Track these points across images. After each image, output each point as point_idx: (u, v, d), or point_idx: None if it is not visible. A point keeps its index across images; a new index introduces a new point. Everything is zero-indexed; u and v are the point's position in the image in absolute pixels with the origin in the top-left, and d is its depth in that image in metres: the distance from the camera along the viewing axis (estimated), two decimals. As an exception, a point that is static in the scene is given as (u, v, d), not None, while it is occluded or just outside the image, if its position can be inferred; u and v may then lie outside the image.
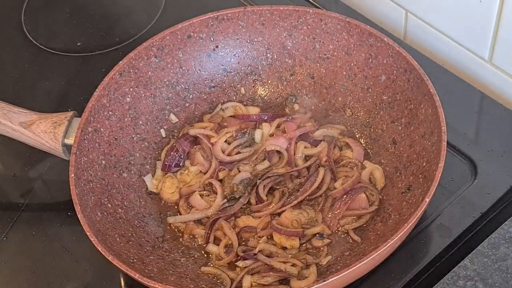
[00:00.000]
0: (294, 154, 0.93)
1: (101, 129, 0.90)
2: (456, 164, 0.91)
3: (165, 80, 0.97)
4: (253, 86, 1.01)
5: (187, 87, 0.99)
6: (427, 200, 0.75)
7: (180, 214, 0.90)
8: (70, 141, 0.88)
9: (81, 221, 0.79)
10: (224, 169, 0.92)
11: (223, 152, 0.93)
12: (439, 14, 1.03)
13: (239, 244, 0.86)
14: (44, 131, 0.89)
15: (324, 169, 0.90)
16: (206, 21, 0.97)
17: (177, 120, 0.98)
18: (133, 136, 0.94)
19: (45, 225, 0.93)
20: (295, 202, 0.88)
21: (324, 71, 0.98)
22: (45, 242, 0.91)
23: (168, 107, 0.98)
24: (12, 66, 1.14)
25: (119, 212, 0.86)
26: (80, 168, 0.85)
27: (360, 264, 0.72)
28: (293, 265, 0.82)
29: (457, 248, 0.84)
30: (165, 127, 0.98)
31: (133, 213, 0.88)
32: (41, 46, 1.15)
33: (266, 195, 0.89)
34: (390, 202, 0.86)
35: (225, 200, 0.90)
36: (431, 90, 0.84)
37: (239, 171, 0.92)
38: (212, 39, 0.98)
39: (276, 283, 0.82)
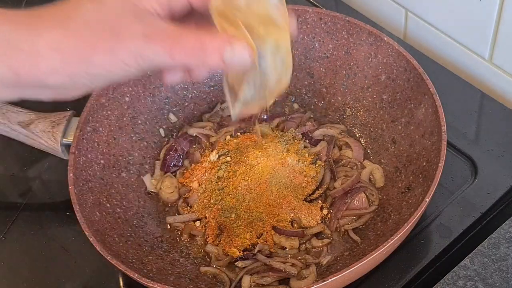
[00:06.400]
0: (294, 154, 0.93)
1: (100, 129, 0.90)
2: (456, 164, 0.91)
3: (164, 79, 0.97)
4: (253, 86, 1.01)
5: (186, 86, 0.99)
6: (427, 200, 0.75)
7: (179, 214, 0.90)
8: (68, 140, 0.88)
9: (79, 221, 0.78)
10: (224, 169, 0.92)
11: (223, 151, 0.94)
12: (439, 13, 1.03)
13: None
14: (42, 131, 0.89)
15: (324, 169, 0.90)
16: (206, 20, 0.96)
17: (176, 119, 0.98)
18: (132, 135, 0.94)
19: (44, 225, 0.93)
20: (295, 202, 0.88)
21: (323, 70, 0.97)
22: (43, 242, 0.91)
23: (167, 106, 0.98)
24: (10, 65, 1.14)
25: (118, 212, 0.86)
26: (78, 168, 0.84)
27: (360, 264, 0.71)
28: (293, 265, 0.82)
29: (457, 248, 0.84)
30: (164, 126, 0.97)
31: (132, 213, 0.88)
32: (40, 45, 1.15)
33: (266, 195, 0.89)
34: (390, 202, 0.86)
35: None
36: (431, 89, 0.84)
37: (239, 171, 0.91)
38: (211, 38, 0.98)
39: (276, 283, 0.82)
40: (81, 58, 0.55)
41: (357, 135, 0.95)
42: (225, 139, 0.94)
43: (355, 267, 0.71)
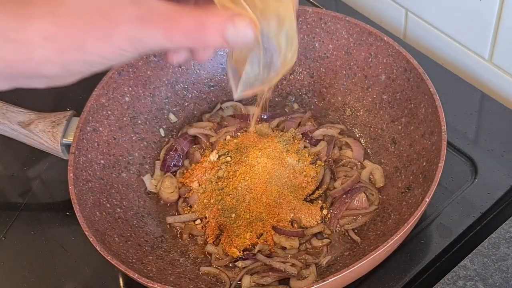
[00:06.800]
0: (294, 154, 0.93)
1: (100, 129, 0.90)
2: (456, 164, 0.91)
3: (164, 79, 0.97)
4: (253, 86, 1.01)
5: (186, 86, 0.99)
6: (427, 200, 0.75)
7: (179, 214, 0.90)
8: (68, 140, 0.88)
9: (79, 221, 0.78)
10: (224, 169, 0.92)
11: (223, 151, 0.93)
12: (439, 13, 1.03)
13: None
14: (42, 131, 0.89)
15: (324, 169, 0.90)
16: (206, 20, 0.96)
17: (176, 119, 0.98)
18: (132, 135, 0.94)
19: (44, 225, 0.93)
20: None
21: (323, 70, 0.97)
22: (43, 242, 0.91)
23: (167, 106, 0.98)
24: (10, 65, 1.14)
25: (118, 212, 0.86)
26: (78, 168, 0.84)
27: (360, 264, 0.71)
28: (293, 265, 0.82)
29: (457, 248, 0.84)
30: (164, 126, 0.97)
31: (132, 213, 0.88)
32: (40, 45, 1.15)
33: (266, 195, 0.89)
34: (390, 202, 0.86)
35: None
36: (431, 89, 0.84)
37: (239, 171, 0.91)
38: (211, 38, 0.98)
39: (276, 283, 0.82)
40: (74, 46, 0.53)
41: (357, 135, 0.95)
42: (225, 139, 0.94)
43: (355, 267, 0.71)
